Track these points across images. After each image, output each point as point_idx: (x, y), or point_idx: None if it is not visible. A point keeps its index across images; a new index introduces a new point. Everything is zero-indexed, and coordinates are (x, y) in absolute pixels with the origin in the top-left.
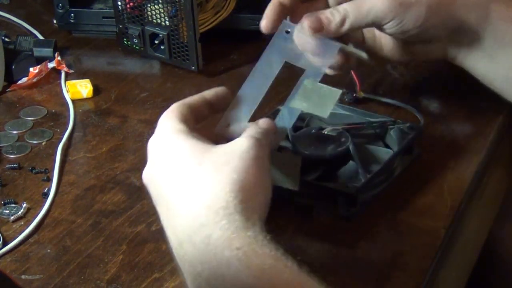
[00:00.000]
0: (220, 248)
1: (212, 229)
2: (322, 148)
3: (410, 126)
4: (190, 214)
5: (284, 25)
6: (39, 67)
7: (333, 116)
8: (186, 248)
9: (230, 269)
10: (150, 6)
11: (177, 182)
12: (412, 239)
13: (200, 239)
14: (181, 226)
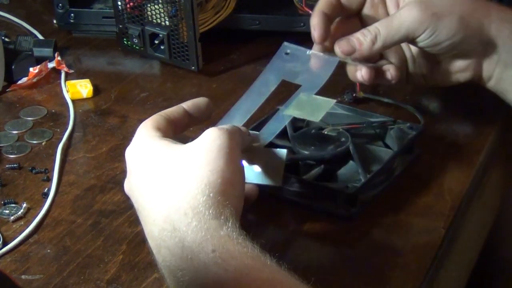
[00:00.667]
0: (195, 252)
1: (184, 233)
2: (322, 148)
3: (410, 126)
4: (162, 219)
5: (284, 47)
6: (39, 67)
7: (333, 116)
8: (164, 254)
9: (208, 274)
10: (150, 6)
11: (151, 186)
12: (412, 239)
13: (174, 244)
14: (157, 232)
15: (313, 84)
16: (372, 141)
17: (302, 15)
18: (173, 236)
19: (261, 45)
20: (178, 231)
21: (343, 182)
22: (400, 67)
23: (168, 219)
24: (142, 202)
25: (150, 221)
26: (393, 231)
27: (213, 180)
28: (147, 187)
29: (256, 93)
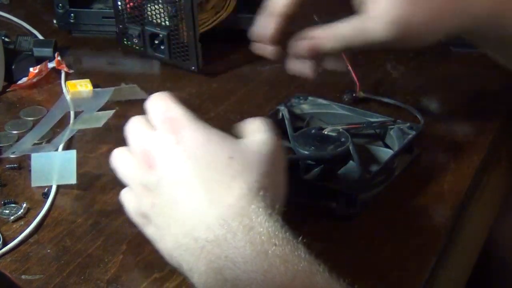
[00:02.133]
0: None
1: (251, 220)
2: (322, 148)
3: (410, 126)
4: (228, 201)
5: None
6: (39, 67)
7: (333, 116)
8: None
9: (267, 263)
10: (150, 6)
11: (206, 172)
12: (412, 239)
13: (238, 227)
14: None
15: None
16: (372, 141)
17: None
18: (237, 219)
19: None
20: (245, 217)
21: (343, 182)
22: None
23: (234, 204)
24: (195, 186)
25: (210, 202)
26: (393, 231)
27: (271, 181)
28: (205, 174)
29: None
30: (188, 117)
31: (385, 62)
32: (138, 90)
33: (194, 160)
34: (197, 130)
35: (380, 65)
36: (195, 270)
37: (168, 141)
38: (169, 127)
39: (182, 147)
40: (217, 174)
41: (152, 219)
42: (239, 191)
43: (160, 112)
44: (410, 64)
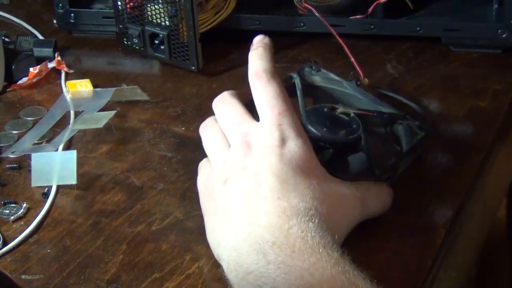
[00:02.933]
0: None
1: (308, 225)
2: (334, 131)
3: (419, 126)
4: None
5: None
6: (39, 67)
7: (343, 95)
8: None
9: (314, 258)
10: (150, 6)
11: (291, 178)
12: (412, 239)
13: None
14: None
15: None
16: (380, 133)
17: (302, 15)
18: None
19: None
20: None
21: (348, 174)
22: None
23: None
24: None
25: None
26: (393, 231)
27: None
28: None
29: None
30: (298, 131)
31: (385, 62)
32: (139, 91)
33: (285, 166)
34: (301, 147)
35: (380, 65)
36: (236, 248)
37: (272, 141)
38: (278, 130)
39: (281, 151)
40: (299, 185)
41: (216, 193)
42: (308, 204)
43: (275, 110)
44: (410, 64)
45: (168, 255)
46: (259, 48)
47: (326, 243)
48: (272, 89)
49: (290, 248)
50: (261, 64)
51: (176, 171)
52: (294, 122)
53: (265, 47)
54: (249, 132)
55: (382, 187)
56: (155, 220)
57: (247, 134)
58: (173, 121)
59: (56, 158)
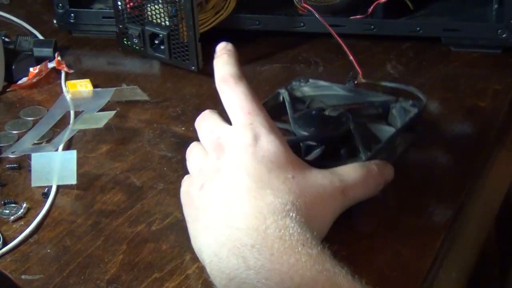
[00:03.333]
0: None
1: (285, 222)
2: (323, 128)
3: (412, 104)
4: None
5: None
6: (39, 67)
7: (334, 98)
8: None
9: (294, 259)
10: (150, 6)
11: (265, 175)
12: (412, 239)
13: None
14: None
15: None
16: (374, 121)
17: (302, 15)
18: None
19: (261, 45)
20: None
21: (344, 162)
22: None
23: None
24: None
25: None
26: (393, 231)
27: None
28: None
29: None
30: (269, 127)
31: (385, 62)
32: (139, 91)
33: (258, 163)
34: (274, 142)
35: (380, 65)
36: (216, 254)
37: (244, 140)
38: (249, 129)
39: (253, 149)
40: (274, 181)
41: (194, 199)
42: (284, 200)
43: (244, 110)
44: (410, 64)
45: (168, 255)
46: (223, 55)
47: (305, 240)
48: (240, 91)
49: (269, 251)
50: (227, 69)
51: (176, 171)
52: (265, 120)
53: (229, 54)
54: (221, 136)
55: (369, 170)
56: (155, 220)
57: (219, 138)
58: (173, 121)
59: (56, 158)
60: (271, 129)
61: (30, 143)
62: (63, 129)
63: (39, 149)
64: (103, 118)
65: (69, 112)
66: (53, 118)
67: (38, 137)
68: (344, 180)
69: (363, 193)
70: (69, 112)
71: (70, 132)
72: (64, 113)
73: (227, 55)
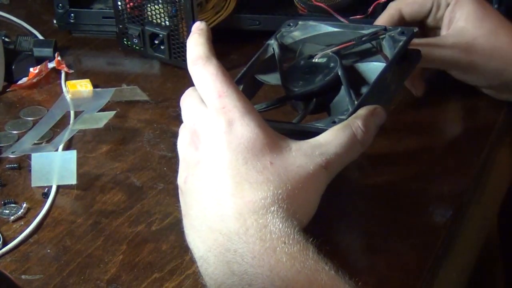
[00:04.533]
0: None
1: (266, 220)
2: (311, 80)
3: (401, 32)
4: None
5: None
6: (39, 67)
7: (325, 37)
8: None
9: (274, 259)
10: (150, 6)
11: (242, 168)
12: (412, 239)
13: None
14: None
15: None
16: (364, 58)
17: (302, 15)
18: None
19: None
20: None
21: (332, 117)
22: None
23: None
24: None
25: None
26: (393, 231)
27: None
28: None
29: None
30: (243, 108)
31: None
32: (139, 91)
33: (234, 154)
34: (248, 125)
35: None
36: (204, 259)
37: (217, 128)
38: (222, 114)
39: (228, 138)
40: (251, 172)
41: (182, 192)
42: (264, 193)
43: (215, 93)
44: None
45: (168, 255)
46: (194, 34)
47: (286, 237)
48: (208, 73)
49: (250, 254)
50: (196, 50)
51: (176, 171)
52: (238, 100)
53: (199, 33)
54: (196, 122)
55: (352, 132)
56: (155, 220)
57: (195, 124)
58: (173, 121)
59: (56, 158)
60: (245, 110)
61: (30, 143)
62: (63, 129)
63: (39, 149)
64: (103, 118)
65: (69, 112)
66: (53, 118)
67: (38, 137)
68: (326, 152)
69: (348, 160)
70: (69, 112)
71: (70, 132)
72: (64, 113)
73: (198, 34)
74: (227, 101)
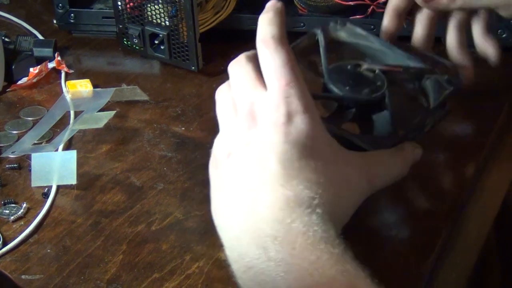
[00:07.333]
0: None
1: (310, 216)
2: (357, 89)
3: (448, 80)
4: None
5: None
6: (39, 67)
7: (369, 50)
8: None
9: (315, 256)
10: (150, 6)
11: (296, 161)
12: (412, 239)
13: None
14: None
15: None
16: (407, 88)
17: (302, 15)
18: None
19: None
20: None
21: (370, 138)
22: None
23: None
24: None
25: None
26: (393, 232)
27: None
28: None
29: None
30: (306, 103)
31: None
32: (139, 91)
33: (290, 147)
34: (309, 123)
35: None
36: (238, 239)
37: (278, 116)
38: (285, 104)
39: (287, 130)
40: (304, 170)
41: (219, 165)
42: (313, 194)
43: (282, 80)
44: None
45: (168, 255)
46: (270, 12)
47: (328, 238)
48: (280, 58)
49: (291, 245)
50: (270, 29)
51: (176, 171)
52: (303, 94)
53: (276, 12)
54: (255, 102)
55: (398, 159)
56: (155, 220)
57: (253, 104)
58: (173, 121)
59: (56, 158)
60: (308, 106)
61: (30, 143)
62: (63, 129)
63: (39, 149)
64: (103, 118)
65: (69, 112)
66: (53, 118)
67: (38, 137)
68: (372, 170)
69: (389, 181)
70: (69, 112)
71: (70, 132)
72: (64, 113)
73: (274, 12)
74: (293, 92)
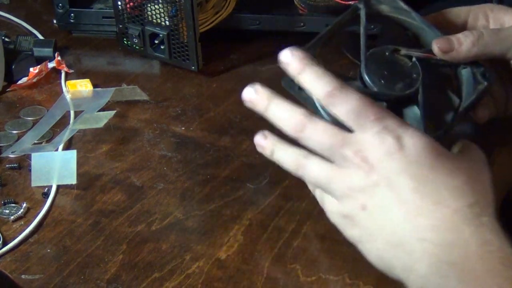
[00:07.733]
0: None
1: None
2: (391, 83)
3: (483, 73)
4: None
5: None
6: (39, 67)
7: (411, 26)
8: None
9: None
10: (150, 6)
11: (430, 180)
12: None
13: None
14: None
15: (94, 108)
16: (441, 80)
17: (302, 15)
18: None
19: (261, 45)
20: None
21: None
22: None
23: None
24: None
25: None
26: None
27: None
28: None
29: None
30: (399, 122)
31: None
32: (139, 91)
33: (416, 165)
34: (415, 135)
35: None
36: (411, 270)
37: (389, 147)
38: (387, 134)
39: (404, 153)
40: (442, 177)
41: (359, 221)
42: (467, 200)
43: (370, 117)
44: None
45: (168, 255)
46: (306, 67)
47: (505, 258)
48: (353, 100)
49: (471, 273)
50: (324, 83)
51: (176, 171)
52: (391, 116)
53: (310, 63)
54: (358, 150)
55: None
56: (155, 220)
57: (357, 152)
58: (173, 121)
59: (56, 158)
60: (401, 122)
61: (30, 143)
62: (63, 129)
63: (39, 149)
64: (103, 118)
65: (69, 112)
66: (53, 118)
67: (38, 137)
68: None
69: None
70: (69, 112)
71: (70, 132)
72: (64, 113)
73: (310, 65)
74: (384, 121)
